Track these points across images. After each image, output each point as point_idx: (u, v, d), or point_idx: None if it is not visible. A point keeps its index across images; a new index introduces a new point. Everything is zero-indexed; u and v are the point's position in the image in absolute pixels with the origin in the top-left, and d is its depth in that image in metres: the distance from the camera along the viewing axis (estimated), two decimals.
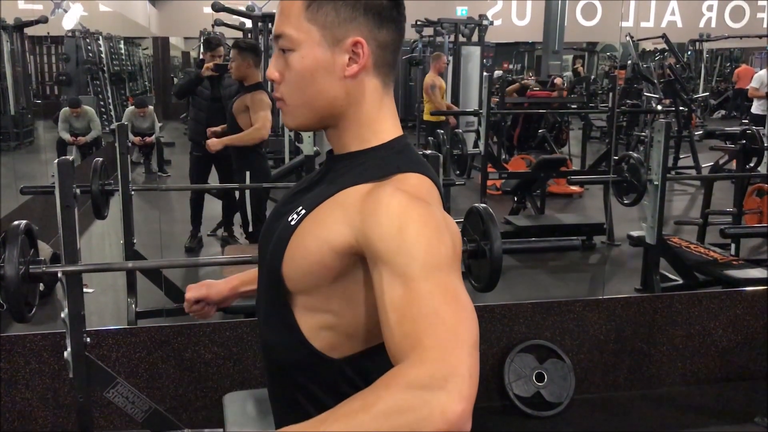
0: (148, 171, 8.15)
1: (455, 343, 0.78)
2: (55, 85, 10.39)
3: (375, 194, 0.94)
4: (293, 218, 1.02)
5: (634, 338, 3.20)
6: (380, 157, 1.02)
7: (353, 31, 0.98)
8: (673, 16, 15.31)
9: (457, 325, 0.80)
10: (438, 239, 0.88)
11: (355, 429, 0.74)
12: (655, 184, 3.57)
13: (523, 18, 14.65)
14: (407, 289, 0.84)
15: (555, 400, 3.01)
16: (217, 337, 2.78)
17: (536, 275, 4.99)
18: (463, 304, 0.83)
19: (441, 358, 0.76)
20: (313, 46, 0.99)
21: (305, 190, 1.09)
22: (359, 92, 1.02)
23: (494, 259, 2.13)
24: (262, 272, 1.13)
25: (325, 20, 0.98)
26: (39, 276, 1.93)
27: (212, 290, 1.39)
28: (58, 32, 9.49)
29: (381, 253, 0.88)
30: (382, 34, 1.00)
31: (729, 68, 16.91)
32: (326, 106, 1.02)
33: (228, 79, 5.01)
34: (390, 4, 1.00)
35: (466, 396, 0.74)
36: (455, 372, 0.75)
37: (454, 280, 0.86)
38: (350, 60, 0.99)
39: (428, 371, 0.75)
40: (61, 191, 1.96)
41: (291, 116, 1.05)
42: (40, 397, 2.68)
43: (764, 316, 3.30)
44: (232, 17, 9.18)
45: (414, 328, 0.81)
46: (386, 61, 1.03)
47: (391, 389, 0.75)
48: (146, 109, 7.91)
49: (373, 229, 0.90)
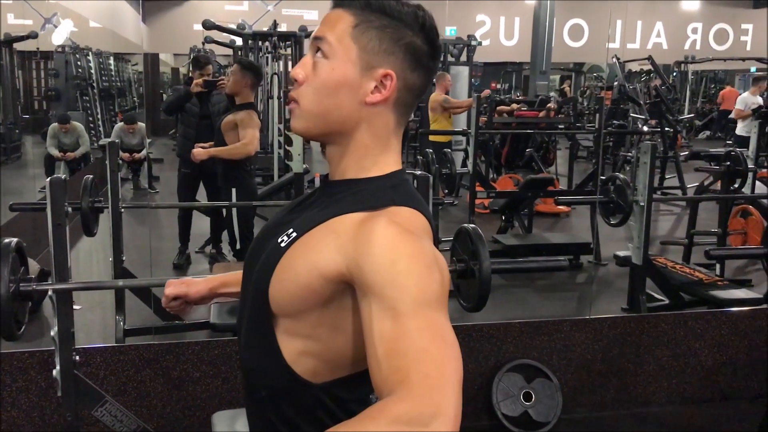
0: (137, 187, 8.14)
1: (442, 381, 0.79)
2: (43, 100, 10.37)
3: (369, 225, 0.94)
4: (283, 240, 1.02)
5: (621, 358, 3.23)
6: (377, 187, 1.03)
7: (388, 64, 1.00)
8: (659, 38, 15.54)
9: (444, 363, 0.81)
10: (429, 275, 0.89)
11: None
12: (641, 205, 3.62)
13: (511, 38, 14.81)
14: (397, 323, 0.84)
15: (543, 420, 3.02)
16: (205, 356, 2.78)
17: (524, 294, 5.01)
18: (449, 343, 0.84)
19: (428, 396, 0.77)
20: (347, 63, 1.00)
21: (296, 212, 1.09)
22: (373, 121, 1.03)
23: (483, 279, 2.15)
24: (245, 292, 1.12)
25: (367, 44, 1.00)
26: (29, 294, 1.94)
27: (191, 289, 1.40)
28: (47, 47, 9.48)
29: (372, 284, 0.89)
30: (413, 77, 1.02)
31: (714, 90, 17.14)
32: (338, 122, 1.03)
33: (216, 96, 5.04)
34: (429, 52, 1.03)
35: (455, 429, 0.75)
36: (441, 411, 0.76)
37: (442, 318, 0.87)
38: (375, 89, 1.01)
39: (415, 408, 0.76)
40: (52, 209, 1.97)
41: (300, 119, 1.05)
42: (26, 415, 2.66)
43: (748, 337, 3.34)
44: (223, 35, 9.23)
45: (402, 363, 0.82)
46: (407, 102, 1.05)
47: (377, 422, 0.76)
48: (135, 125, 7.91)
49: (365, 260, 0.91)
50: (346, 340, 1.01)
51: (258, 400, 1.10)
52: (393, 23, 1.00)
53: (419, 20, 1.01)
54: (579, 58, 15.90)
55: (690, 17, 15.82)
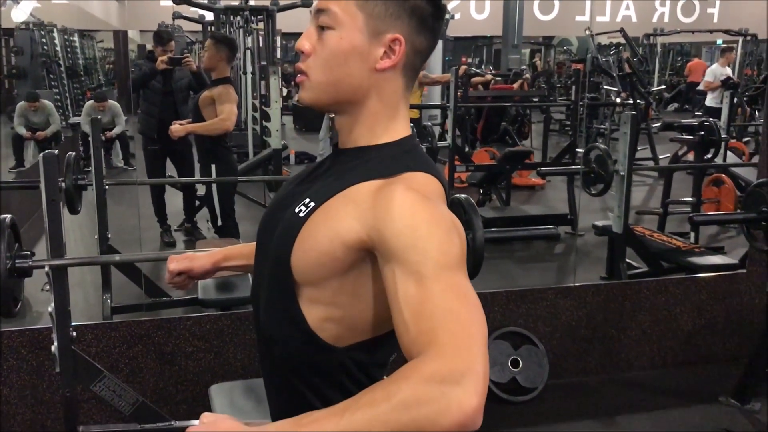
0: (109, 166, 8.01)
1: (470, 340, 0.82)
2: (6, 79, 10.11)
3: (387, 192, 0.96)
4: (301, 210, 1.03)
5: (605, 324, 3.31)
6: (390, 154, 1.04)
7: (395, 29, 1.01)
8: (628, 11, 15.60)
9: (470, 323, 0.84)
10: (448, 239, 0.91)
11: (377, 417, 0.78)
12: (621, 174, 3.68)
13: (482, 12, 14.75)
14: (421, 286, 0.87)
15: (530, 385, 3.09)
16: (197, 330, 2.78)
17: (505, 265, 5.08)
18: (473, 303, 0.87)
19: (457, 355, 0.80)
20: (354, 31, 1.00)
21: (308, 183, 1.10)
22: (383, 87, 1.04)
23: (477, 249, 2.19)
24: (262, 264, 1.13)
25: (373, 10, 1.00)
26: (26, 270, 1.93)
27: (195, 263, 1.42)
28: (9, 25, 9.22)
29: (395, 250, 0.91)
30: (420, 39, 1.03)
31: (681, 62, 17.33)
32: (349, 91, 1.04)
33: (179, 72, 4.97)
34: (435, 14, 1.03)
35: (480, 392, 0.78)
36: (471, 369, 0.79)
37: (463, 279, 0.89)
38: (384, 54, 1.01)
39: (446, 367, 0.79)
40: (47, 185, 1.95)
41: (310, 91, 1.05)
42: (18, 394, 2.65)
43: (726, 301, 3.44)
44: (192, 9, 9.06)
45: (430, 325, 0.84)
46: (414, 65, 1.05)
47: (410, 381, 0.79)
48: (106, 103, 7.76)
49: (386, 227, 0.92)
50: (366, 305, 1.03)
51: (280, 368, 1.11)
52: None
53: None
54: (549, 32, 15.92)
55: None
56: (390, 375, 0.83)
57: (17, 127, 7.21)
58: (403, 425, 0.77)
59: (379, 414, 0.78)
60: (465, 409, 0.76)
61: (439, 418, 0.76)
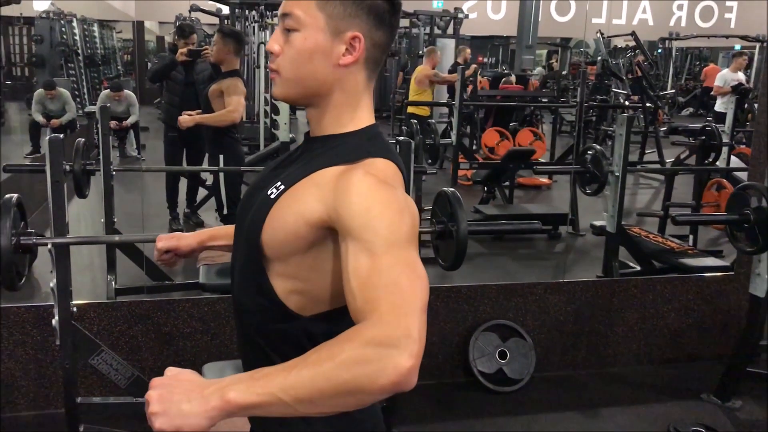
0: (123, 155, 8.16)
1: (408, 309, 0.92)
2: (26, 66, 10.29)
3: (347, 176, 1.06)
4: (272, 192, 1.13)
5: (593, 320, 3.39)
6: (353, 141, 1.14)
7: (354, 27, 1.10)
8: (645, 14, 15.57)
9: (410, 293, 0.94)
10: (399, 219, 1.01)
11: (321, 374, 0.88)
12: (616, 175, 3.75)
13: (498, 12, 14.78)
14: (370, 260, 0.98)
15: (516, 377, 3.18)
16: (195, 312, 2.90)
17: (503, 262, 5.16)
18: (417, 274, 0.97)
19: (396, 321, 0.91)
20: (316, 31, 1.10)
21: (282, 168, 1.20)
22: (347, 81, 1.14)
23: (460, 240, 2.29)
24: (238, 240, 1.23)
25: (333, 11, 1.10)
26: (30, 247, 2.04)
27: (182, 242, 1.53)
28: (30, 13, 9.39)
29: (350, 228, 1.01)
30: (378, 35, 1.13)
31: (698, 67, 17.27)
32: (315, 86, 1.14)
33: (201, 65, 5.11)
34: (390, 10, 1.13)
35: (415, 354, 0.89)
36: (407, 334, 0.89)
37: (411, 254, 1.00)
38: (346, 51, 1.11)
39: (385, 331, 0.90)
40: (51, 167, 2.07)
41: (281, 87, 1.16)
42: (22, 367, 2.77)
43: (713, 301, 3.51)
44: (209, 3, 9.21)
45: (374, 294, 0.95)
46: (376, 58, 1.15)
47: (353, 343, 0.89)
48: (122, 93, 7.90)
49: (344, 208, 1.03)
50: (327, 279, 1.13)
51: (252, 335, 1.22)
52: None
53: None
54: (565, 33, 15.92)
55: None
56: (335, 337, 0.93)
57: (34, 114, 7.37)
58: (344, 382, 0.87)
59: (324, 371, 0.88)
60: (400, 370, 0.87)
61: (377, 377, 0.87)
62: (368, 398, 0.90)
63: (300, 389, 0.89)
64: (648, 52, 10.94)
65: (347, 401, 0.90)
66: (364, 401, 0.90)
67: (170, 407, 0.89)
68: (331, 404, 0.90)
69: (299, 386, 0.89)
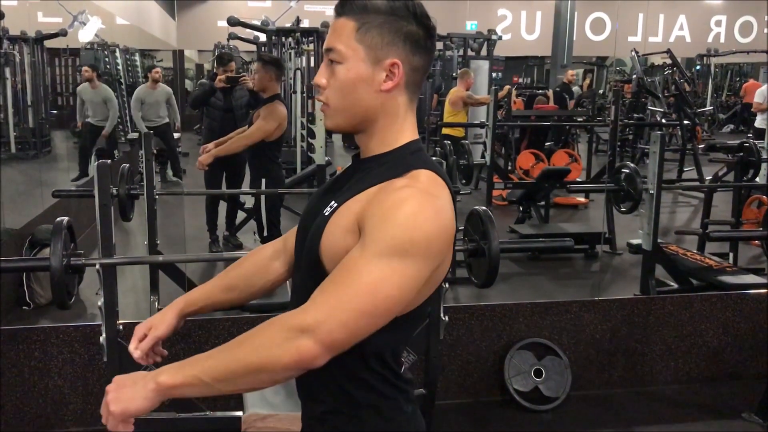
0: (164, 179, 8.36)
1: (338, 305, 1.03)
2: (72, 96, 10.61)
3: (388, 187, 1.13)
4: (327, 210, 1.19)
5: (629, 338, 3.38)
6: (398, 156, 1.21)
7: (392, 54, 1.17)
8: (682, 31, 15.47)
9: (353, 294, 1.04)
10: (412, 227, 1.06)
11: (235, 357, 1.04)
12: (650, 192, 3.75)
13: (533, 32, 14.85)
14: (355, 260, 1.07)
15: (552, 395, 3.19)
16: (235, 331, 2.97)
17: (539, 282, 5.16)
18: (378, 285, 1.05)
19: (316, 311, 1.03)
20: (358, 62, 1.18)
21: (335, 189, 1.26)
22: (390, 104, 1.21)
23: (492, 257, 2.32)
24: (299, 259, 1.28)
25: (371, 42, 1.17)
26: (79, 267, 2.14)
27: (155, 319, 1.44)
28: (75, 45, 9.72)
29: (366, 227, 1.09)
30: (416, 59, 1.20)
31: (739, 83, 17.03)
32: (362, 113, 1.21)
33: (239, 91, 5.28)
34: (425, 35, 1.20)
35: (321, 342, 1.02)
36: (322, 322, 1.02)
37: (396, 265, 1.05)
38: (387, 77, 1.18)
39: (301, 318, 1.03)
40: (99, 191, 2.17)
41: (332, 119, 1.23)
42: (70, 385, 2.88)
43: (753, 319, 3.46)
44: (246, 31, 9.43)
45: (327, 286, 1.07)
46: (415, 81, 1.22)
47: (272, 326, 1.05)
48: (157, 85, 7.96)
49: (372, 213, 1.10)
50: None
51: None
52: (389, 18, 1.17)
53: (410, 10, 1.18)
54: (601, 51, 15.88)
55: (713, 10, 15.74)
56: (266, 321, 1.07)
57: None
58: (252, 362, 1.03)
59: (238, 354, 1.05)
60: (302, 353, 1.01)
61: (280, 357, 1.02)
62: (276, 376, 1.04)
63: (217, 370, 1.04)
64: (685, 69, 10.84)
65: (260, 378, 1.05)
66: (274, 378, 1.04)
67: (119, 395, 1.10)
68: (244, 382, 1.05)
69: (217, 368, 1.05)
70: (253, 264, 1.43)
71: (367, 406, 1.18)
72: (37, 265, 2.59)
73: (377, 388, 1.18)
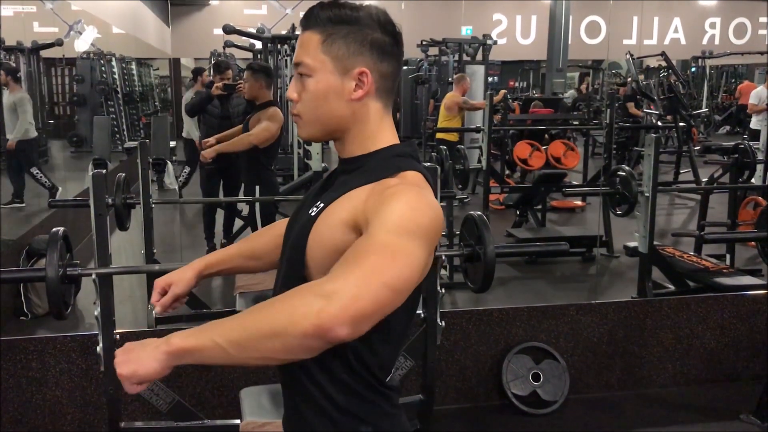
0: (161, 188, 8.36)
1: (360, 275, 0.99)
2: (67, 105, 10.63)
3: (382, 184, 1.14)
4: (313, 210, 1.21)
5: (626, 341, 3.38)
6: (383, 158, 1.22)
7: (360, 63, 1.18)
8: (677, 34, 15.52)
9: (374, 266, 1.00)
10: (411, 214, 1.07)
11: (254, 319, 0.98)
12: (645, 195, 3.76)
13: (528, 36, 14.89)
14: (365, 239, 1.05)
15: (550, 399, 3.19)
16: None
17: (537, 285, 5.17)
18: (396, 258, 1.02)
19: (338, 279, 0.98)
20: (326, 74, 1.19)
21: (321, 191, 1.27)
22: (363, 112, 1.22)
23: (488, 262, 2.33)
24: (283, 260, 1.29)
25: (338, 53, 1.18)
26: (75, 277, 2.15)
27: (174, 276, 1.44)
28: (71, 54, 9.72)
29: (368, 220, 1.09)
30: (384, 66, 1.21)
31: (734, 84, 17.08)
32: (335, 123, 1.22)
33: (236, 99, 5.29)
34: (391, 41, 1.21)
35: (345, 309, 0.95)
36: (344, 292, 0.96)
37: (406, 242, 1.05)
38: (356, 86, 1.19)
39: (326, 286, 0.98)
40: (95, 201, 2.17)
41: (304, 129, 1.25)
42: (68, 395, 2.88)
43: (750, 320, 3.47)
44: (242, 38, 9.45)
45: (348, 258, 1.03)
46: (386, 87, 1.23)
47: (299, 292, 0.99)
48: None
49: (372, 204, 1.11)
50: None
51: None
52: (353, 28, 1.18)
53: (374, 18, 1.19)
54: (596, 55, 15.92)
55: (707, 12, 15.80)
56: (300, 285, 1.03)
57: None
58: (268, 324, 0.97)
59: (257, 317, 0.99)
60: (322, 318, 0.94)
61: (299, 321, 0.95)
62: (292, 341, 0.96)
63: (233, 333, 0.99)
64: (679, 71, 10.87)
65: (274, 345, 0.97)
66: (289, 345, 0.97)
67: (129, 356, 1.04)
68: (258, 348, 0.98)
69: (234, 330, 0.99)
70: (278, 237, 1.40)
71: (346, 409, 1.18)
72: (33, 275, 2.59)
73: (358, 391, 1.18)
